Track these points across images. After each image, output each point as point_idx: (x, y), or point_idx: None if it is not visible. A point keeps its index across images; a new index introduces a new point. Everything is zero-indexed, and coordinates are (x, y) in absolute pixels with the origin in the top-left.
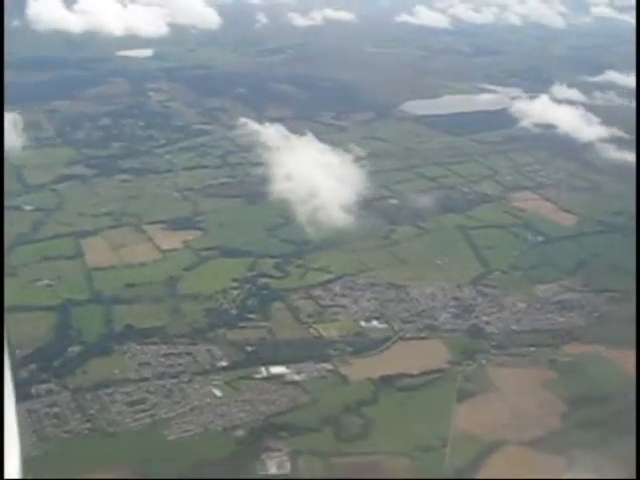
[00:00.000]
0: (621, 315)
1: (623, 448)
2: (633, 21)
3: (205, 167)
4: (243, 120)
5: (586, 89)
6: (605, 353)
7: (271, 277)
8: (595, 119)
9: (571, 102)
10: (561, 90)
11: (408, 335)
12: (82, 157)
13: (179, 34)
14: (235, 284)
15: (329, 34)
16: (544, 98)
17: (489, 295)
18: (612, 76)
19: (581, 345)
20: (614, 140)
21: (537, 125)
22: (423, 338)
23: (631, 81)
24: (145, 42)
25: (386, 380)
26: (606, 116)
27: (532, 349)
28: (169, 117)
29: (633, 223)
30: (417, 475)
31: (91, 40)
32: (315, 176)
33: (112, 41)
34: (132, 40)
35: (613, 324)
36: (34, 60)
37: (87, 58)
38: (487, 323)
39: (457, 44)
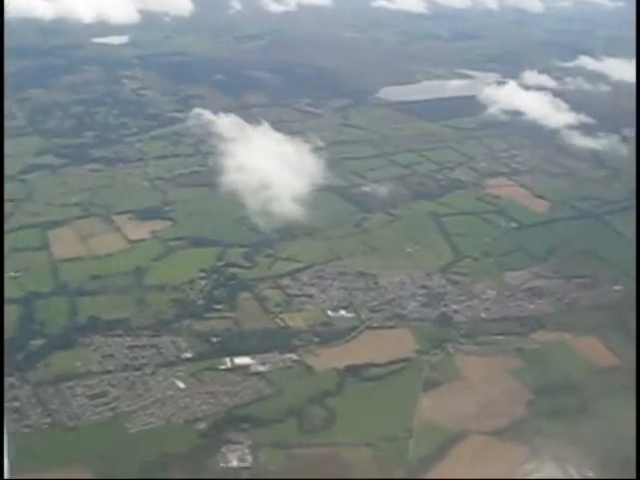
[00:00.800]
0: (590, 302)
1: (586, 437)
2: (611, 4)
3: (177, 156)
4: (197, 111)
5: (558, 74)
6: (572, 341)
7: (239, 267)
8: (564, 105)
9: (542, 88)
10: (532, 76)
11: (375, 324)
12: (53, 146)
13: (152, 21)
14: (203, 274)
15: (306, 20)
16: (514, 84)
17: (459, 283)
18: (586, 61)
19: (549, 333)
20: (582, 126)
21: (506, 111)
22: (391, 327)
23: (602, 66)
24: (120, 29)
25: (352, 370)
26: (576, 102)
27: (500, 337)
28: (143, 105)
29: (605, 208)
30: (380, 466)
31: (64, 27)
32: (285, 164)
33: (85, 28)
34: (106, 27)
35: (582, 311)
36: (6, 49)
37: (60, 46)
38: (456, 311)
39: (435, 29)
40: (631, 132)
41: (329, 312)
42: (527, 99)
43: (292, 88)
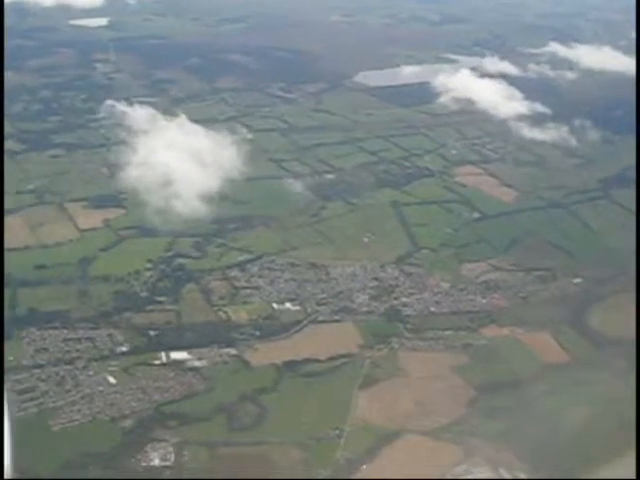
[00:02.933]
0: (546, 296)
1: (524, 437)
2: None
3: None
4: (109, 102)
5: (524, 61)
6: (522, 337)
7: (188, 257)
8: (518, 94)
9: (503, 75)
10: (494, 62)
11: (321, 318)
12: (15, 131)
13: (118, 3)
14: (149, 265)
15: (291, 2)
16: (468, 72)
17: (413, 275)
18: (556, 48)
19: (499, 328)
20: (532, 117)
21: (457, 100)
22: (336, 321)
23: (572, 53)
24: (100, 11)
25: (290, 366)
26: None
27: (448, 332)
28: (112, 89)
29: (573, 198)
30: (306, 466)
31: (42, 8)
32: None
33: (64, 9)
34: (85, 9)
35: (536, 306)
36: None
37: (37, 27)
38: (405, 305)
39: (424, 12)
40: (584, 123)
41: (274, 305)
42: (480, 87)
43: (268, 72)
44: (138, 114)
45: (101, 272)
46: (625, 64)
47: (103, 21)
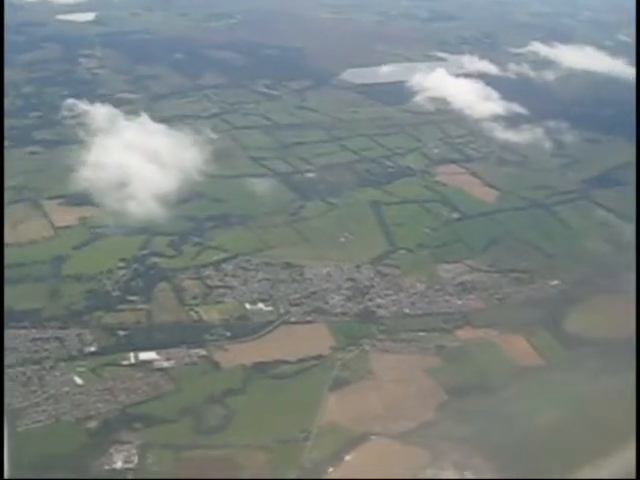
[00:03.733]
0: (522, 298)
1: (492, 442)
2: None
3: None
4: (70, 101)
5: (505, 60)
6: (496, 338)
7: (163, 256)
8: (495, 94)
9: (482, 74)
10: (473, 61)
11: (293, 319)
12: None
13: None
14: (123, 264)
15: None
16: (444, 71)
17: (388, 276)
18: (538, 47)
19: (474, 330)
20: (506, 117)
21: (434, 99)
22: (309, 322)
23: (554, 52)
24: (88, 5)
25: (260, 367)
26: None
27: (422, 334)
28: (95, 85)
29: (554, 199)
30: (271, 470)
31: (30, 3)
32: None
33: (52, 4)
34: (74, 3)
35: (512, 307)
36: None
37: (24, 22)
38: (379, 306)
39: (415, 9)
40: (558, 124)
41: (247, 305)
42: (457, 87)
43: (254, 69)
44: (100, 112)
45: (74, 271)
46: (608, 64)
47: (90, 16)
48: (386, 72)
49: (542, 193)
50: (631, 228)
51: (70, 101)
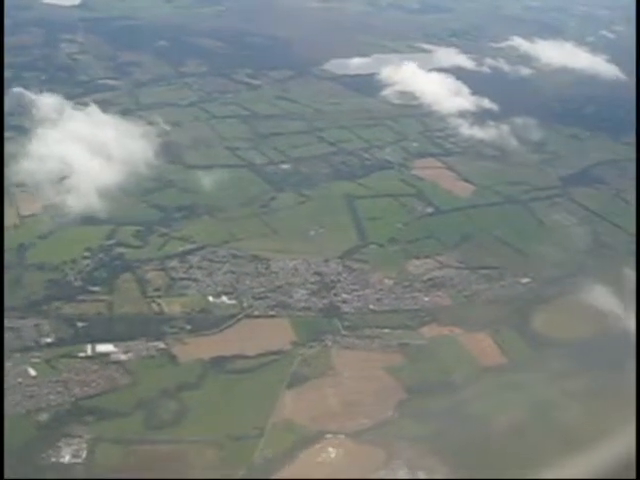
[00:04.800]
0: (491, 295)
1: (449, 442)
2: None
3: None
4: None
5: (482, 55)
6: (461, 337)
7: (128, 246)
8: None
9: (458, 69)
10: (449, 56)
11: (256, 313)
12: None
13: None
14: (87, 254)
15: None
16: (414, 65)
17: (356, 270)
18: (518, 42)
19: (439, 327)
20: (474, 113)
21: (403, 93)
22: (271, 316)
23: (533, 47)
24: None
25: (218, 362)
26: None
27: (386, 331)
28: (75, 71)
29: (532, 194)
30: (221, 466)
31: None
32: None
33: None
34: None
35: (479, 305)
36: None
37: (10, 5)
38: (345, 302)
39: (406, 0)
40: (525, 121)
41: (210, 298)
42: (427, 81)
43: (236, 57)
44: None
45: (37, 260)
46: (587, 61)
47: (76, 0)
48: (369, 63)
49: (519, 189)
50: (608, 227)
51: (17, 89)
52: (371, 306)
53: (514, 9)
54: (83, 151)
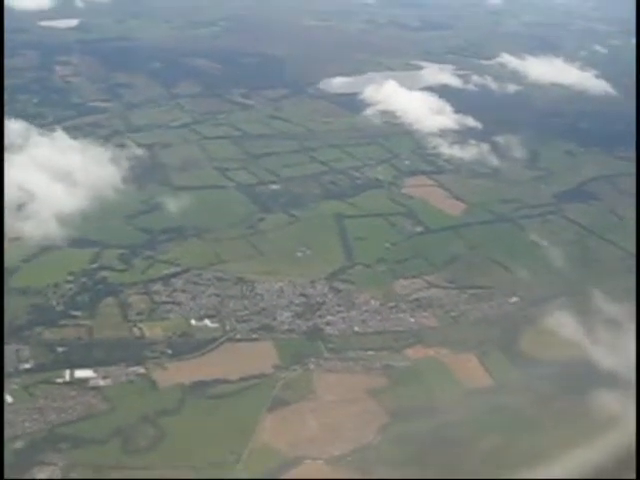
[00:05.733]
0: (478, 315)
1: (430, 467)
2: None
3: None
4: None
5: (470, 72)
6: (447, 359)
7: (112, 270)
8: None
9: (443, 86)
10: (434, 73)
11: (239, 336)
12: None
13: (64, 6)
14: (71, 277)
15: (271, 5)
16: (395, 84)
17: (342, 292)
18: (507, 59)
19: (424, 349)
20: (454, 132)
21: (384, 113)
22: (254, 339)
23: (522, 64)
24: (74, 11)
25: (198, 386)
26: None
27: (370, 353)
28: (67, 93)
29: (523, 212)
30: None
31: (17, 11)
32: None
33: (35, 10)
34: (59, 9)
35: (466, 326)
36: None
37: (7, 28)
38: (329, 324)
39: (405, 18)
40: (514, 138)
41: (193, 321)
42: (410, 100)
43: (230, 77)
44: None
45: (21, 284)
46: (576, 77)
47: (74, 22)
48: (364, 81)
49: (511, 207)
50: (601, 244)
51: None
52: (356, 328)
53: (513, 25)
54: (67, 175)
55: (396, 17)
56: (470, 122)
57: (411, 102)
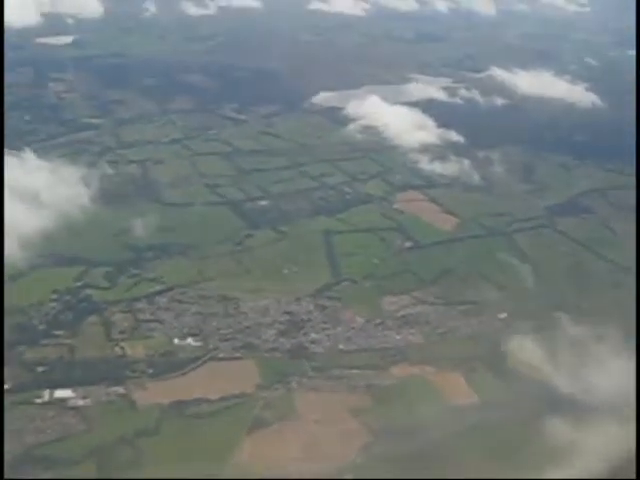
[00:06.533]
0: (466, 332)
1: None
2: (580, 9)
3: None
4: None
5: (457, 86)
6: (432, 376)
7: (97, 288)
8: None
9: (429, 100)
10: (419, 87)
11: (221, 355)
12: None
13: (55, 24)
14: (55, 296)
15: (267, 20)
16: (378, 98)
17: (328, 309)
18: (497, 72)
19: (410, 367)
20: (437, 148)
21: (367, 127)
22: (237, 358)
23: (512, 78)
24: (70, 28)
25: (178, 406)
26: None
27: (355, 371)
28: (60, 110)
29: (515, 226)
30: None
31: (13, 28)
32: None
33: (30, 27)
34: (56, 26)
35: (453, 342)
36: None
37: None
38: (313, 342)
39: (401, 30)
40: (491, 155)
41: (175, 340)
42: (393, 114)
43: (224, 93)
44: None
45: (5, 302)
46: (565, 90)
47: (69, 39)
48: (359, 95)
49: (503, 220)
50: (592, 258)
51: None
52: (340, 346)
53: (511, 37)
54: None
55: (391, 30)
56: (460, 137)
57: (403, 115)
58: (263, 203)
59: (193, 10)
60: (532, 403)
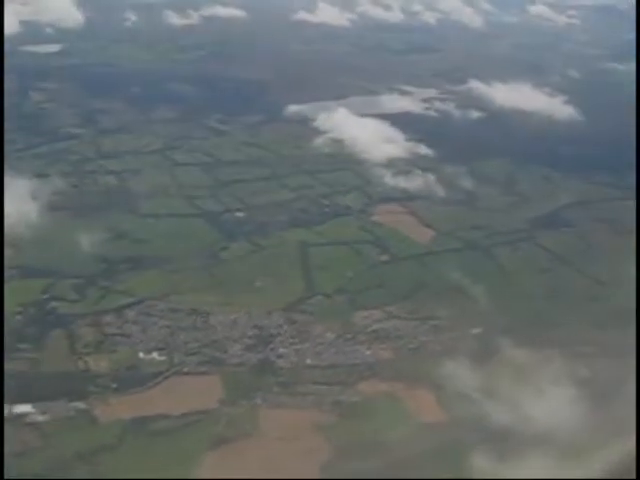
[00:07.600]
0: (437, 347)
1: None
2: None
3: (48, 175)
4: None
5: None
6: (401, 392)
7: (64, 301)
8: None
9: (403, 113)
10: (393, 99)
11: (186, 369)
12: None
13: (32, 32)
14: (20, 309)
15: (257, 30)
16: (346, 111)
17: (298, 323)
18: (475, 85)
19: (379, 383)
20: (401, 162)
21: (335, 141)
22: (201, 373)
23: (490, 91)
24: (57, 36)
25: (139, 422)
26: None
27: (322, 387)
28: (40, 119)
29: (494, 239)
30: None
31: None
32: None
33: (12, 36)
34: (36, 34)
35: (423, 358)
36: None
37: None
38: (281, 356)
39: (391, 41)
40: (459, 169)
41: (141, 354)
42: (361, 127)
43: (208, 103)
44: None
45: None
46: (543, 103)
47: (56, 47)
48: (344, 106)
49: (481, 233)
50: (570, 272)
51: None
52: (308, 361)
53: (502, 48)
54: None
55: (381, 41)
56: (429, 150)
57: (367, 129)
58: (241, 215)
59: (175, 20)
60: (500, 420)
